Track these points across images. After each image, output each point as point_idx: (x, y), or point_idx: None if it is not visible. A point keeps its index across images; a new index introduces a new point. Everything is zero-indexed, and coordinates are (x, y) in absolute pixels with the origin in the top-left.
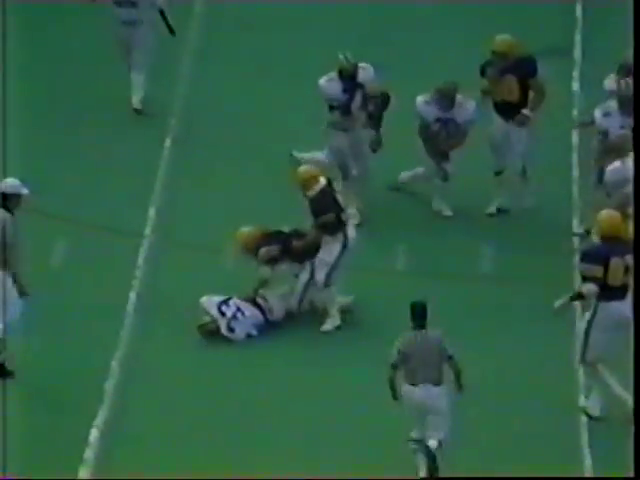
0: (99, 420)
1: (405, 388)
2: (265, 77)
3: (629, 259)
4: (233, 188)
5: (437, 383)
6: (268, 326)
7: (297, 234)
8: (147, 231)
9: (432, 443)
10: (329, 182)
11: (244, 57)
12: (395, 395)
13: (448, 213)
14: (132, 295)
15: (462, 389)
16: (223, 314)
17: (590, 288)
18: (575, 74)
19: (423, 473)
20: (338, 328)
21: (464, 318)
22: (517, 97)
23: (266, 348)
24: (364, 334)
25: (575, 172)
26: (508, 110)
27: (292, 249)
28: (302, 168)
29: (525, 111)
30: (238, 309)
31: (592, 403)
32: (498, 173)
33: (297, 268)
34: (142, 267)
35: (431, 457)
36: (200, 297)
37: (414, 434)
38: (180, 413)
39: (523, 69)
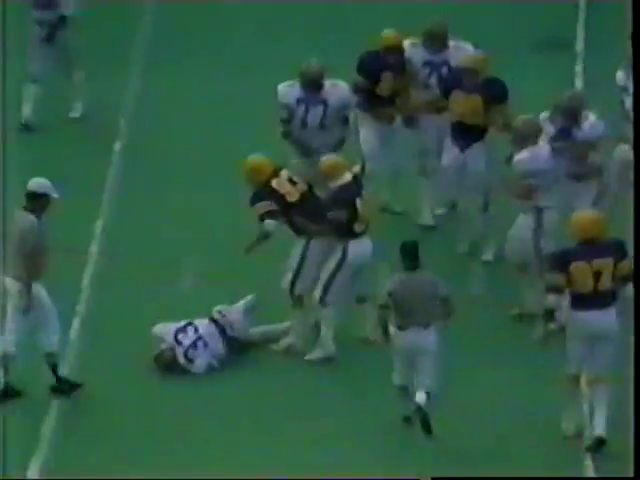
0: (33, 470)
1: (393, 332)
2: (226, 78)
3: (599, 263)
4: (189, 200)
5: (426, 325)
6: (231, 347)
7: (310, 194)
8: (93, 248)
9: (420, 397)
10: (355, 180)
11: (202, 56)
12: (387, 337)
13: (428, 222)
14: (75, 322)
15: (448, 320)
16: (180, 343)
17: (553, 300)
18: (578, 69)
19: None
20: (329, 359)
21: (454, 344)
22: (480, 121)
23: (232, 380)
24: (343, 363)
25: None
26: (467, 135)
27: (300, 227)
28: (328, 157)
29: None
30: (199, 337)
31: (567, 422)
32: (453, 207)
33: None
34: (87, 289)
35: (422, 416)
36: (153, 324)
37: (398, 381)
38: (129, 456)
39: (492, 91)
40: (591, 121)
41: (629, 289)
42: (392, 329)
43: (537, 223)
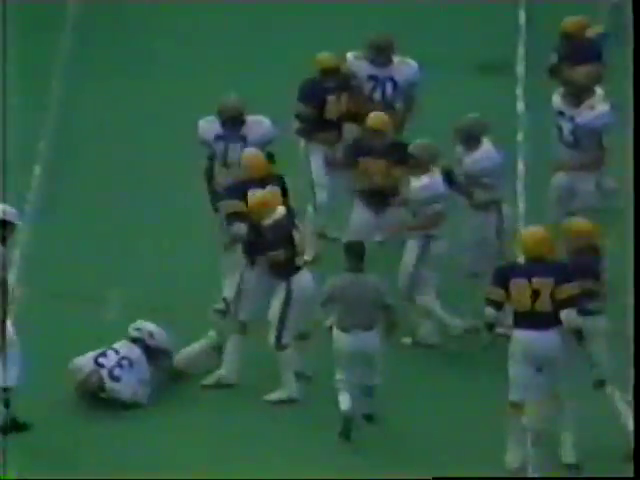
0: None
1: (335, 333)
2: (150, 95)
3: (539, 282)
4: (113, 225)
5: (368, 328)
6: (156, 366)
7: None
8: (11, 277)
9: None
10: (289, 214)
11: (125, 73)
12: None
13: None
14: None
15: (391, 335)
16: (103, 365)
17: (490, 313)
18: (519, 92)
19: (345, 407)
20: (291, 401)
21: (407, 381)
22: (388, 183)
23: (163, 412)
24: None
25: (522, 206)
26: (377, 199)
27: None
28: (256, 194)
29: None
30: (122, 357)
31: (511, 454)
32: None
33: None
34: None
35: (370, 420)
36: (76, 355)
37: (340, 376)
38: None
39: (398, 153)
40: (482, 152)
41: (569, 313)
42: (335, 331)
43: (423, 250)
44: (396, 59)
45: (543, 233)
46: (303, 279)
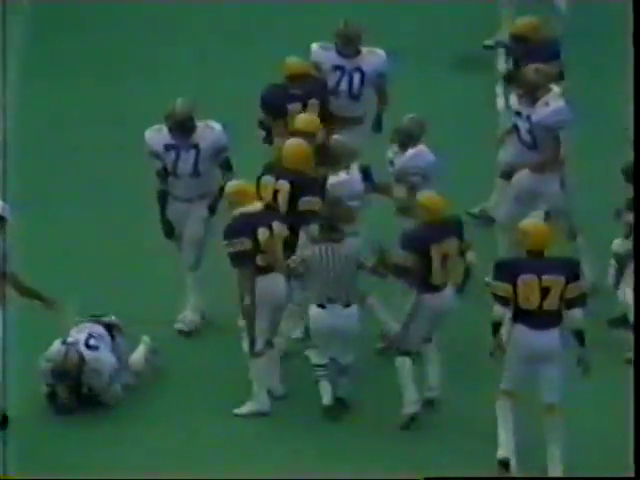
0: None
1: (312, 311)
2: (114, 92)
3: (549, 279)
4: (72, 231)
5: (347, 304)
6: (118, 344)
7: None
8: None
9: (343, 392)
10: (267, 208)
11: (84, 66)
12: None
13: None
14: None
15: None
16: (74, 343)
17: (497, 311)
18: (499, 90)
19: (327, 400)
20: (262, 415)
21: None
22: (285, 210)
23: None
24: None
25: None
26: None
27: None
28: (233, 183)
29: None
30: (91, 331)
31: (502, 447)
32: None
33: None
34: None
35: (343, 406)
36: (36, 364)
37: (317, 360)
38: None
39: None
40: (417, 150)
41: (575, 312)
42: (312, 309)
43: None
44: (364, 49)
45: (545, 226)
46: (270, 282)
